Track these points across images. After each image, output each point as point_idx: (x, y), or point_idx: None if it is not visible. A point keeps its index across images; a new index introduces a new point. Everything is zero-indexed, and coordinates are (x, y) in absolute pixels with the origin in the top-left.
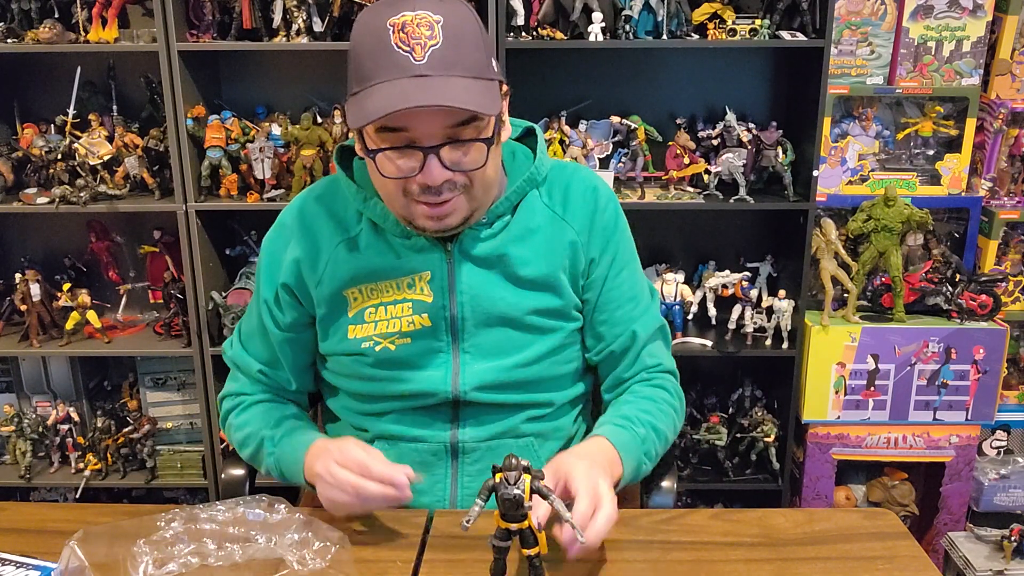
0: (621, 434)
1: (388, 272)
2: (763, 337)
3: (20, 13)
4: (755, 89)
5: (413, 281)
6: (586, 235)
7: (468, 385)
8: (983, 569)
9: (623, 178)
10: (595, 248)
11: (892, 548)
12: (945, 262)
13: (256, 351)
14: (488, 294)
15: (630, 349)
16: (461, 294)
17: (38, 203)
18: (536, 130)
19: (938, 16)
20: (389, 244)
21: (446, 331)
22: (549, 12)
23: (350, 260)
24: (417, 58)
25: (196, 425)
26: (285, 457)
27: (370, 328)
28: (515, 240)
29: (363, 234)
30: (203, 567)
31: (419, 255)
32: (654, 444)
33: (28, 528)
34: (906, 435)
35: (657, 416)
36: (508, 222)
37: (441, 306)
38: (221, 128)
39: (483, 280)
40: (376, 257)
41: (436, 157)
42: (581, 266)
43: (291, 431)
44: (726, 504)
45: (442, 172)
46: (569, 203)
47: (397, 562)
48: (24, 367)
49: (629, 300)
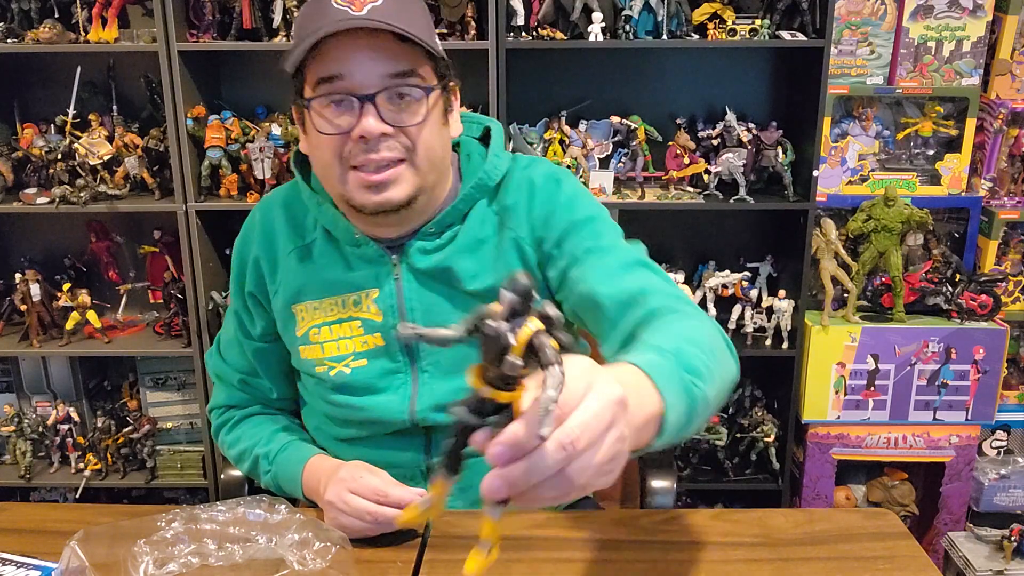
0: (643, 356)
1: (334, 287)
2: (763, 337)
3: (20, 13)
4: (755, 89)
5: (360, 299)
6: (527, 227)
7: (426, 408)
8: (983, 569)
9: (623, 178)
10: (539, 229)
11: (892, 548)
12: (945, 262)
13: (234, 361)
14: (440, 309)
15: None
16: (412, 312)
17: (38, 203)
18: (493, 129)
19: (938, 16)
20: (341, 253)
21: (401, 351)
22: (549, 12)
23: (299, 271)
24: (356, 10)
25: (196, 425)
26: (282, 474)
27: (318, 350)
28: (462, 252)
29: (317, 242)
30: (203, 567)
31: (369, 266)
32: (698, 358)
33: (28, 528)
34: (906, 435)
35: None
36: (457, 232)
37: (392, 326)
38: (221, 128)
39: (432, 296)
40: (326, 267)
41: (372, 105)
42: (533, 260)
43: (285, 447)
44: (726, 504)
45: (379, 124)
46: (506, 202)
47: (397, 562)
48: (24, 367)
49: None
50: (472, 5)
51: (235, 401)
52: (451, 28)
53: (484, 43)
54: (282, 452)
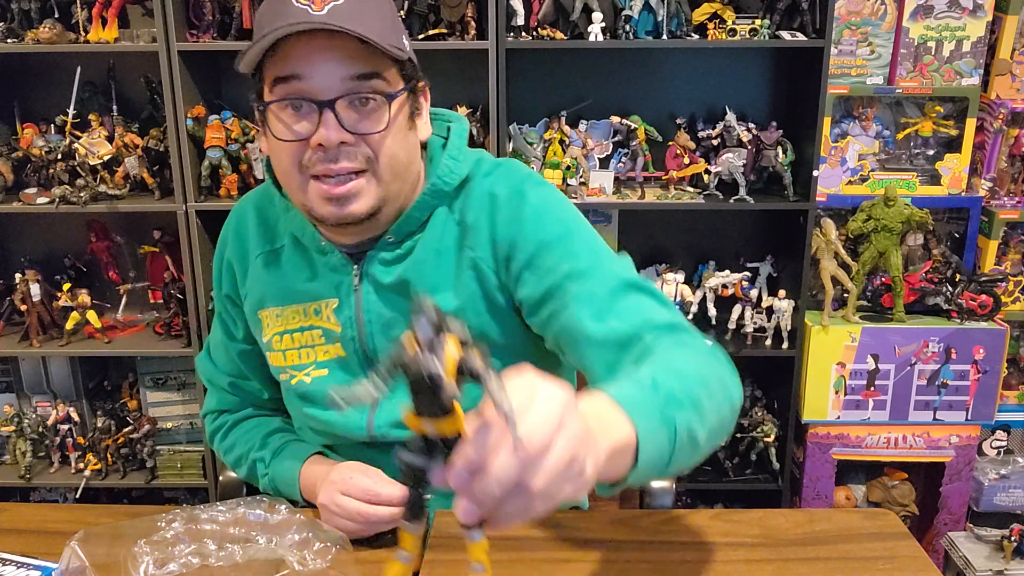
0: (616, 388)
1: (297, 295)
2: (763, 337)
3: (20, 13)
4: (755, 89)
5: (320, 308)
6: (487, 248)
7: (384, 424)
8: (983, 569)
9: (623, 178)
10: (502, 248)
11: (892, 548)
12: (945, 262)
13: (223, 364)
14: (399, 323)
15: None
16: (371, 324)
17: (38, 203)
18: (453, 128)
19: (938, 16)
20: (308, 260)
21: (360, 364)
22: (549, 12)
23: (264, 276)
24: (316, 9)
25: (196, 425)
26: (279, 478)
27: (280, 358)
28: (420, 264)
29: (285, 248)
30: (204, 567)
31: (332, 275)
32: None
33: (28, 528)
34: (906, 435)
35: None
36: (417, 241)
37: (351, 338)
38: (221, 128)
39: (390, 310)
40: (290, 274)
41: (331, 111)
42: (491, 284)
43: (280, 450)
44: (726, 504)
45: (339, 131)
46: (467, 215)
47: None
48: (24, 367)
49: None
50: (472, 5)
51: (227, 405)
52: (451, 28)
53: (484, 43)
54: (277, 456)
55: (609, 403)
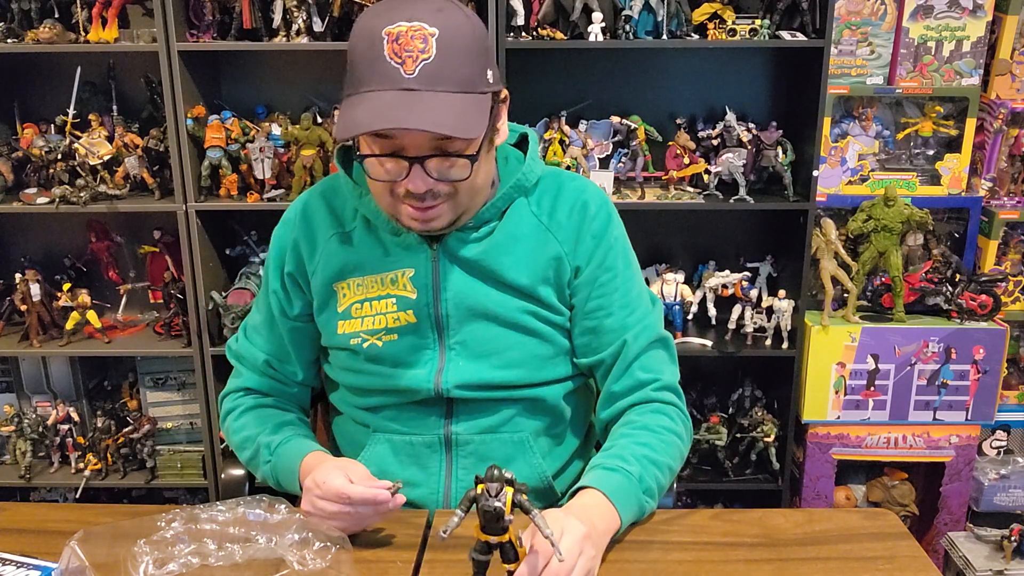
0: (611, 478)
1: (374, 267)
2: (763, 337)
3: (20, 13)
4: (755, 89)
5: (396, 277)
6: (572, 245)
7: (451, 383)
8: (983, 569)
9: (623, 178)
10: (581, 256)
11: (892, 548)
12: (945, 262)
13: (262, 344)
14: (473, 292)
15: (619, 358)
16: (446, 291)
17: (38, 203)
18: (530, 136)
19: (938, 16)
20: (379, 240)
21: (431, 328)
22: (549, 12)
23: (340, 253)
24: (407, 71)
25: (196, 425)
26: (281, 466)
27: (357, 324)
28: (499, 247)
29: (357, 230)
30: (203, 567)
31: (406, 252)
32: (655, 479)
33: (28, 528)
34: (906, 435)
35: (657, 448)
36: (494, 228)
37: (425, 303)
38: (221, 128)
39: (467, 281)
40: (365, 252)
41: (421, 167)
42: (567, 277)
43: (288, 439)
44: (726, 504)
45: (426, 181)
46: (556, 214)
47: (397, 562)
48: (24, 367)
49: (621, 308)
50: (472, 5)
51: (255, 385)
52: None
53: None
54: (284, 445)
55: (604, 501)
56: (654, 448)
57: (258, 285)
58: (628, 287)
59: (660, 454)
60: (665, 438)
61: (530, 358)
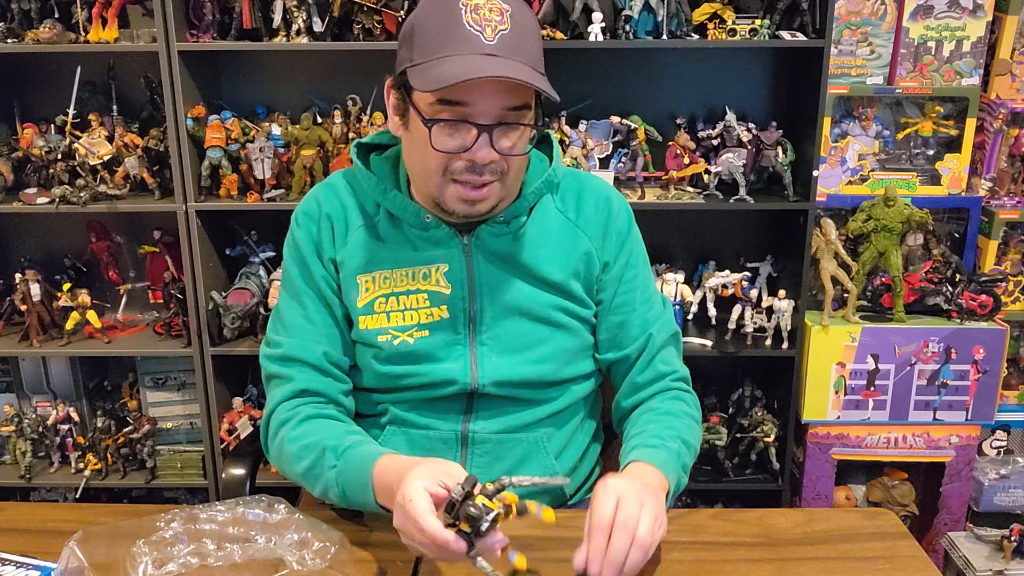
0: (657, 454)
1: (403, 261)
2: (763, 337)
3: (20, 13)
4: (755, 89)
5: (429, 272)
6: (599, 241)
7: (487, 379)
8: (983, 569)
9: (623, 178)
10: (609, 252)
11: (892, 548)
12: (945, 262)
13: (311, 339)
14: (506, 287)
15: (644, 352)
16: (480, 286)
17: (38, 203)
18: (551, 137)
19: (938, 16)
20: (406, 236)
21: (464, 323)
22: (549, 12)
23: (368, 244)
24: (487, 38)
25: (196, 425)
26: (350, 471)
27: (383, 320)
28: (529, 242)
29: (381, 224)
30: (203, 567)
31: (435, 248)
32: (688, 456)
33: (28, 528)
34: (906, 435)
35: (683, 431)
36: (523, 223)
37: (461, 298)
38: (221, 128)
39: (500, 274)
40: (393, 245)
41: (489, 136)
42: (595, 272)
43: (359, 443)
44: (726, 504)
45: (490, 152)
46: (583, 211)
47: (397, 562)
48: (24, 367)
49: (644, 303)
50: None
51: (312, 386)
52: None
53: None
54: (354, 448)
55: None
56: (680, 430)
57: (258, 285)
58: (647, 284)
59: (687, 435)
60: (687, 422)
61: (559, 352)
